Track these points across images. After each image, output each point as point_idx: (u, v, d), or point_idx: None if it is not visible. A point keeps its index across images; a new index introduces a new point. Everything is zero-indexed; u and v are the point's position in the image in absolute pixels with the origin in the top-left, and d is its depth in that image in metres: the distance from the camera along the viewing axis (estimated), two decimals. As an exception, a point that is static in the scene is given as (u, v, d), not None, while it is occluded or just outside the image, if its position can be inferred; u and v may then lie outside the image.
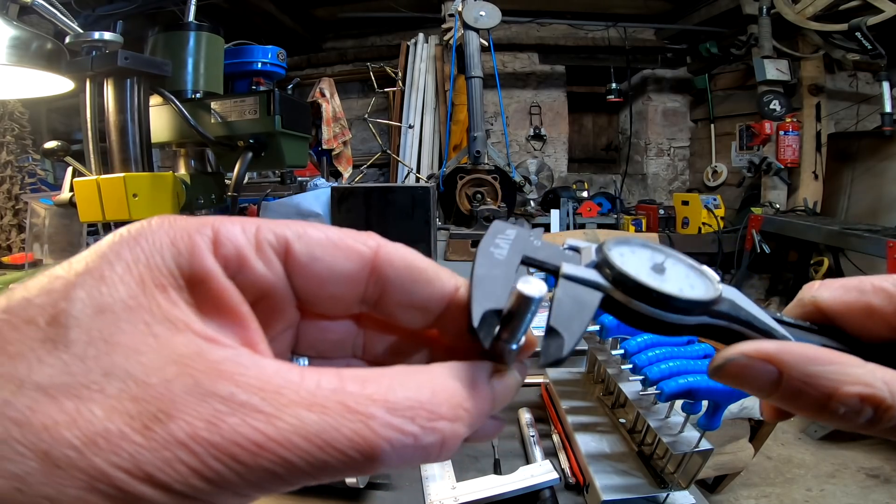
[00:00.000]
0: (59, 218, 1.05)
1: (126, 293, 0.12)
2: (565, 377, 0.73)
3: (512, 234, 0.19)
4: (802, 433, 2.14)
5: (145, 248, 0.13)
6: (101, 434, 0.11)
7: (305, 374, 0.13)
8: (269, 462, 0.12)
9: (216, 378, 0.12)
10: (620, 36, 4.07)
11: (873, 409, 0.15)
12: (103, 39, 0.72)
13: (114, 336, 0.12)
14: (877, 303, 0.18)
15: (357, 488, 0.56)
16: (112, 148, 0.76)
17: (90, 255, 0.13)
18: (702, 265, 0.19)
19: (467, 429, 0.14)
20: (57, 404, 0.11)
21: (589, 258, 0.18)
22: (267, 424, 0.12)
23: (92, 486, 0.11)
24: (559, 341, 0.15)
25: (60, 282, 0.12)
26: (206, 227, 0.14)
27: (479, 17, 2.30)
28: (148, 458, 0.11)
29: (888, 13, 2.47)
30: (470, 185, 2.08)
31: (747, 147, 3.71)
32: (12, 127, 1.42)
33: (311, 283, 0.16)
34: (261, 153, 0.84)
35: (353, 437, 0.12)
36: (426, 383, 0.14)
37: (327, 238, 0.16)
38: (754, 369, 0.16)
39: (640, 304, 0.17)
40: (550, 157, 4.40)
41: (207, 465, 0.11)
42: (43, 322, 0.12)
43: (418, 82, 3.85)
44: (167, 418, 0.11)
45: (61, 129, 3.02)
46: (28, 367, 0.11)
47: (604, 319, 0.58)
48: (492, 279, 0.16)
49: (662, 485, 0.52)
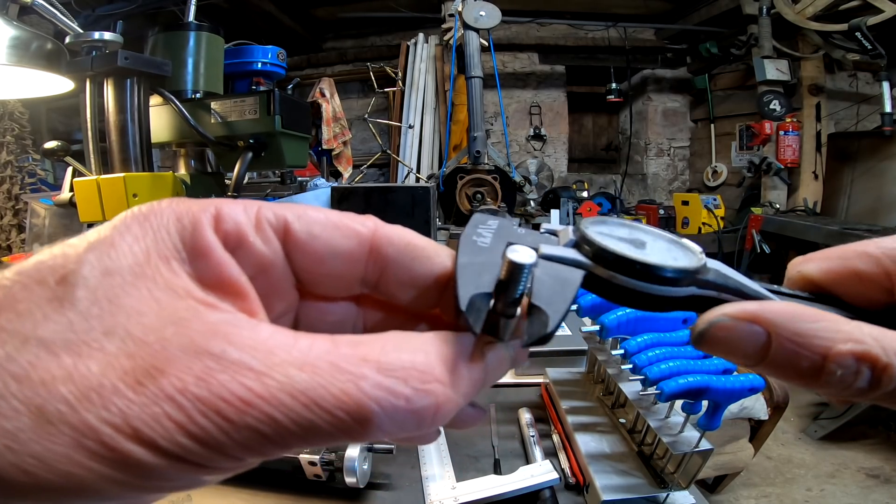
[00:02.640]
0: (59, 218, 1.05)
1: (133, 260, 0.13)
2: (565, 377, 0.73)
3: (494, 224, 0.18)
4: (802, 433, 2.14)
5: (153, 223, 0.14)
6: (95, 389, 0.11)
7: (299, 337, 0.13)
8: (255, 420, 0.12)
9: (211, 337, 0.12)
10: (620, 36, 4.07)
11: (870, 369, 0.14)
12: (103, 39, 0.72)
13: (118, 297, 0.12)
14: (862, 267, 0.17)
15: (357, 488, 0.56)
16: (112, 148, 0.76)
17: (104, 227, 0.14)
18: (682, 238, 0.18)
19: (461, 397, 0.14)
20: (57, 360, 0.11)
21: (567, 239, 0.18)
22: (255, 381, 0.12)
23: (79, 442, 0.11)
24: (542, 317, 0.15)
25: (73, 248, 0.13)
26: (210, 205, 0.15)
27: (479, 17, 2.30)
28: (136, 413, 0.11)
29: (888, 13, 2.47)
30: (470, 185, 2.08)
31: (747, 147, 3.71)
32: (12, 127, 1.42)
33: (309, 262, 0.16)
34: (261, 153, 0.84)
35: (341, 397, 0.12)
36: (420, 347, 0.14)
37: (326, 218, 0.16)
38: (740, 332, 0.15)
39: (623, 277, 0.16)
40: (550, 157, 4.40)
41: (194, 421, 0.11)
42: (52, 282, 0.12)
43: (418, 82, 3.85)
44: (159, 374, 0.11)
45: (61, 129, 3.02)
46: (34, 324, 0.12)
47: (604, 319, 0.58)
48: (478, 264, 0.16)
49: (662, 485, 0.52)
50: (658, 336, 0.57)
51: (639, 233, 0.18)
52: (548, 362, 0.80)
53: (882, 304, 0.17)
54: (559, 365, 0.78)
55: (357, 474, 0.54)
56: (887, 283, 0.17)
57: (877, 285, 0.17)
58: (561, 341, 0.84)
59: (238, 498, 0.57)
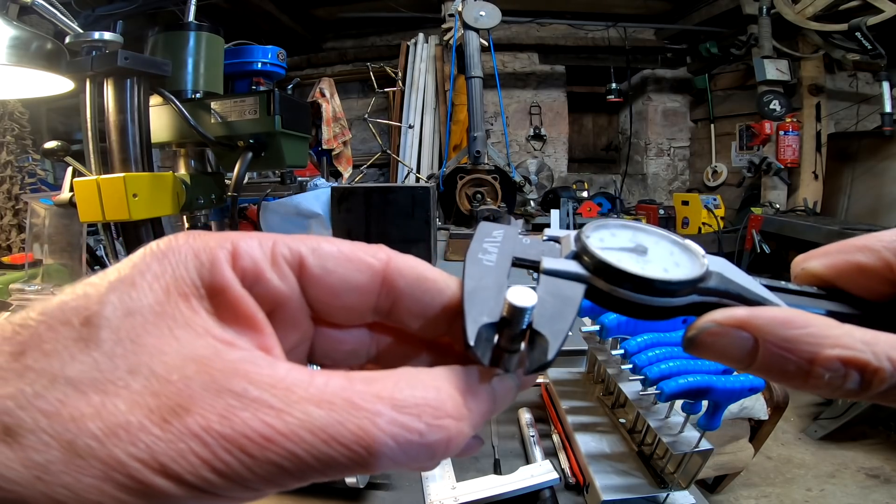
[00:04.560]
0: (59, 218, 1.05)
1: (153, 299, 0.13)
2: (565, 377, 0.73)
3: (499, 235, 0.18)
4: (802, 433, 2.14)
5: (172, 261, 0.14)
6: (123, 426, 0.12)
7: (315, 374, 0.13)
8: (276, 455, 0.12)
9: (231, 376, 0.13)
10: (620, 36, 4.07)
11: (859, 373, 0.14)
12: (103, 39, 0.72)
13: (140, 337, 0.13)
14: (864, 260, 0.18)
15: (357, 488, 0.56)
16: (112, 148, 0.76)
17: (123, 266, 0.14)
18: (685, 240, 0.18)
19: (471, 428, 0.14)
20: (85, 398, 0.12)
21: (569, 248, 0.18)
22: (276, 419, 0.12)
23: (108, 475, 0.11)
24: (543, 346, 0.15)
25: (95, 288, 0.13)
26: (227, 241, 0.15)
27: (479, 17, 2.30)
28: (163, 450, 0.12)
29: (888, 13, 2.47)
30: (470, 185, 2.08)
31: (747, 147, 3.71)
32: (12, 127, 1.42)
33: (324, 295, 0.17)
34: (261, 153, 0.84)
35: (358, 433, 0.13)
36: (431, 383, 0.14)
37: (339, 251, 0.16)
38: (728, 338, 0.15)
39: (623, 291, 0.16)
40: (550, 157, 4.40)
41: (218, 457, 0.12)
42: (77, 322, 0.13)
43: (418, 82, 3.85)
44: (184, 412, 0.12)
45: (61, 129, 3.02)
46: (61, 363, 0.12)
47: (604, 319, 0.58)
48: (483, 290, 0.16)
49: (662, 485, 0.52)
50: (658, 336, 0.57)
51: (642, 236, 0.18)
52: (548, 362, 0.80)
53: (886, 295, 0.18)
54: (559, 365, 0.78)
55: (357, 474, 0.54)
56: (890, 275, 0.17)
57: (880, 277, 0.17)
58: (561, 341, 0.84)
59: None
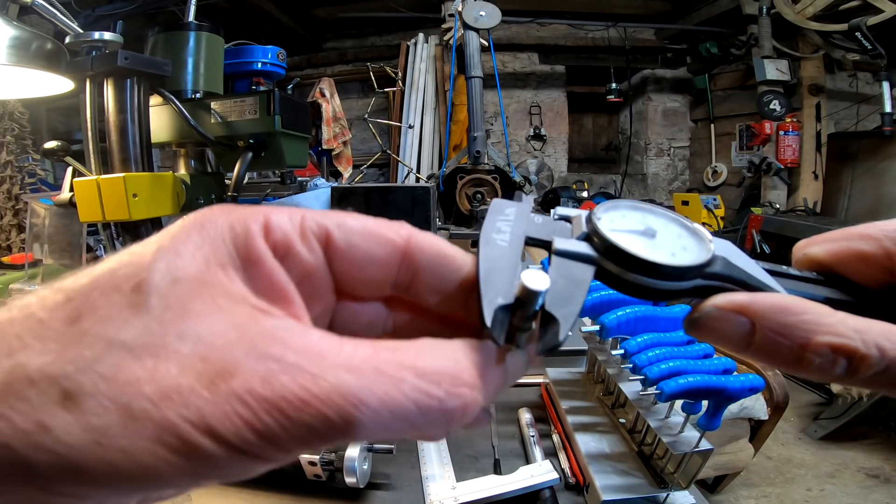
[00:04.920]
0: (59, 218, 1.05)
1: (195, 269, 0.14)
2: (565, 377, 0.73)
3: (512, 213, 0.19)
4: (802, 433, 2.14)
5: (210, 232, 0.15)
6: (175, 389, 0.12)
7: (344, 342, 0.14)
8: (310, 417, 0.13)
9: (270, 341, 0.13)
10: (620, 36, 4.07)
11: (847, 359, 0.15)
12: (103, 39, 0.72)
13: (186, 304, 0.13)
14: (864, 248, 0.18)
15: (357, 488, 0.56)
16: (112, 148, 0.76)
17: (164, 236, 0.15)
18: (694, 223, 0.19)
19: (485, 398, 0.15)
20: (139, 362, 0.12)
21: (580, 229, 0.18)
22: (312, 383, 0.13)
23: (160, 437, 0.12)
24: (555, 328, 0.15)
25: (141, 257, 0.14)
26: (259, 214, 0.16)
27: (479, 17, 2.30)
28: (211, 412, 0.12)
29: (888, 13, 2.47)
30: (470, 185, 2.08)
31: (747, 147, 3.71)
32: (12, 127, 1.42)
33: (348, 268, 0.17)
34: (261, 153, 0.84)
35: (384, 398, 0.13)
36: (451, 354, 0.15)
37: (363, 227, 0.17)
38: (727, 322, 0.16)
39: (632, 274, 0.17)
40: (550, 157, 4.40)
41: (259, 419, 0.12)
42: (128, 289, 0.13)
43: (418, 82, 3.85)
44: (229, 376, 0.13)
45: (61, 129, 3.02)
46: (116, 328, 0.13)
47: (604, 319, 0.58)
48: (498, 271, 0.16)
49: (662, 485, 0.52)
50: (658, 336, 0.57)
51: (651, 218, 0.19)
52: (548, 362, 0.80)
53: (883, 283, 0.18)
54: (559, 365, 0.78)
55: (357, 474, 0.54)
56: (888, 264, 0.18)
57: (878, 265, 0.18)
58: (561, 341, 0.84)
59: (238, 498, 0.57)
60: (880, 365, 0.15)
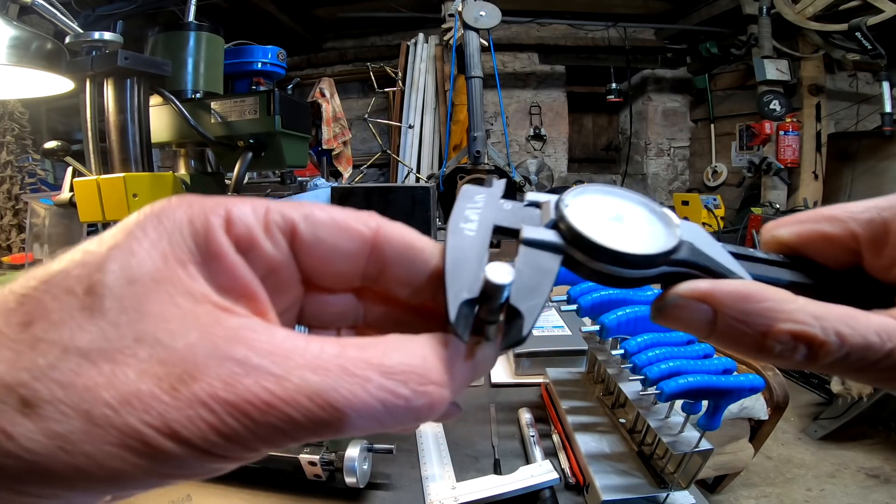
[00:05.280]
0: (59, 218, 1.05)
1: (152, 267, 0.14)
2: (565, 377, 0.73)
3: (481, 200, 0.19)
4: (802, 433, 2.14)
5: (167, 227, 0.14)
6: (135, 394, 0.12)
7: (310, 341, 0.14)
8: (276, 419, 0.13)
9: (233, 343, 0.13)
10: (620, 36, 4.07)
11: (806, 346, 0.15)
12: (103, 39, 0.72)
13: (143, 305, 0.13)
14: (830, 230, 0.18)
15: (357, 488, 0.56)
16: (112, 148, 0.76)
17: (119, 231, 0.14)
18: (662, 207, 0.19)
19: (452, 394, 0.15)
20: (96, 368, 0.12)
21: (548, 216, 0.18)
22: (276, 385, 0.13)
23: (124, 442, 0.12)
24: (519, 322, 0.15)
25: (94, 256, 0.14)
26: (220, 207, 0.15)
27: (479, 17, 2.30)
28: (174, 416, 0.12)
29: (888, 13, 2.47)
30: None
31: (747, 147, 3.71)
32: (12, 127, 1.42)
33: (315, 262, 0.17)
34: (261, 153, 0.84)
35: (350, 398, 0.13)
36: (418, 350, 0.15)
37: (331, 219, 0.17)
38: (689, 310, 0.16)
39: (599, 263, 0.17)
40: (550, 157, 4.40)
41: (224, 422, 0.12)
42: (81, 292, 0.13)
43: (418, 82, 3.85)
44: (191, 380, 0.12)
45: (61, 129, 3.02)
46: (70, 333, 0.12)
47: (604, 320, 0.58)
48: (464, 263, 0.16)
49: (662, 485, 0.52)
50: (658, 336, 0.57)
51: (620, 203, 0.19)
52: (548, 362, 0.80)
53: (848, 264, 0.19)
54: (559, 365, 0.78)
55: (357, 474, 0.54)
56: (853, 245, 0.18)
57: (843, 247, 0.18)
58: (561, 341, 0.84)
59: (238, 498, 0.57)
60: (840, 352, 0.15)
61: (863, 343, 0.15)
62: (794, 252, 0.19)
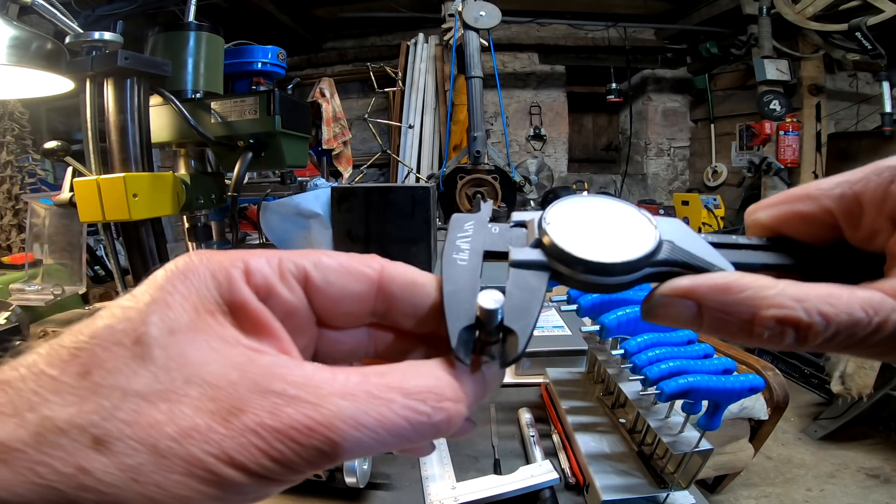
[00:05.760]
0: (59, 218, 1.05)
1: (188, 318, 0.15)
2: (565, 377, 0.73)
3: (470, 228, 0.20)
4: (802, 433, 2.14)
5: (194, 282, 0.16)
6: (193, 428, 0.14)
7: (336, 372, 0.16)
8: (318, 441, 0.14)
9: (269, 378, 0.15)
10: (620, 36, 4.07)
11: (793, 329, 0.15)
12: (103, 39, 0.72)
13: (186, 352, 0.15)
14: (805, 209, 0.19)
15: (357, 488, 0.56)
16: (112, 148, 0.76)
17: (151, 288, 0.16)
18: (641, 210, 0.20)
19: (467, 409, 0.17)
20: (155, 407, 0.14)
21: (533, 234, 0.19)
22: (314, 411, 0.14)
23: (189, 470, 0.13)
24: (514, 342, 0.17)
25: (134, 311, 0.15)
26: (238, 260, 0.17)
27: (479, 17, 2.30)
28: (230, 445, 0.14)
29: (888, 13, 2.47)
30: (470, 185, 2.08)
31: (747, 147, 3.71)
32: (12, 127, 1.42)
33: (327, 303, 0.19)
34: (261, 153, 0.84)
35: (379, 418, 0.15)
36: (431, 372, 0.17)
37: (339, 264, 0.19)
38: (675, 306, 0.17)
39: (584, 275, 0.18)
40: (550, 157, 4.40)
41: (273, 447, 0.14)
42: (129, 343, 0.15)
43: (418, 82, 3.85)
44: (240, 412, 0.14)
45: (61, 129, 3.01)
46: (127, 379, 0.14)
47: (604, 320, 0.58)
48: (459, 293, 0.18)
49: (662, 485, 0.52)
50: (658, 336, 0.57)
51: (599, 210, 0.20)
52: (548, 362, 0.80)
53: (831, 239, 0.19)
54: (559, 365, 0.78)
55: (357, 474, 0.54)
56: (831, 221, 0.18)
57: (822, 224, 0.19)
58: (561, 341, 0.84)
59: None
60: (828, 331, 0.15)
61: (848, 320, 0.15)
62: (776, 234, 0.20)
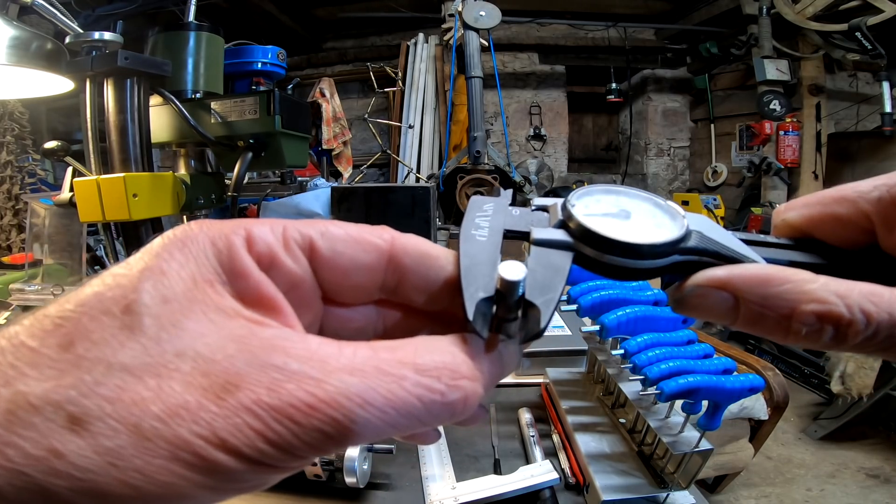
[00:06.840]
0: (59, 218, 1.05)
1: (183, 287, 0.14)
2: (565, 377, 0.73)
3: (490, 209, 0.19)
4: (802, 433, 2.14)
5: (192, 249, 0.15)
6: (182, 406, 0.12)
7: (343, 346, 0.14)
8: (320, 421, 0.13)
9: (270, 352, 0.14)
10: (620, 36, 4.07)
11: (833, 326, 0.15)
12: (103, 39, 0.72)
13: (180, 322, 0.13)
14: (841, 211, 0.18)
15: (357, 488, 0.56)
16: (112, 148, 0.76)
17: (146, 255, 0.15)
18: (667, 201, 0.19)
19: (484, 389, 0.16)
20: (142, 382, 0.12)
21: (556, 217, 0.18)
22: (317, 388, 0.13)
23: (175, 454, 0.12)
24: (536, 316, 0.16)
25: (126, 278, 0.14)
26: (240, 227, 0.16)
27: (479, 17, 2.30)
28: (222, 425, 0.12)
29: (888, 13, 2.47)
30: (470, 185, 2.08)
31: (747, 147, 3.71)
32: (12, 127, 1.42)
33: (334, 276, 0.17)
34: (261, 153, 0.84)
35: (389, 396, 0.14)
36: (447, 348, 0.15)
37: (347, 234, 0.17)
38: (710, 298, 0.16)
39: (610, 256, 0.17)
40: (550, 157, 4.40)
41: (270, 428, 0.13)
42: (118, 311, 0.13)
43: (418, 82, 3.85)
44: (235, 388, 0.13)
45: (61, 129, 3.01)
46: (112, 351, 0.13)
47: (604, 319, 0.58)
48: (478, 266, 0.17)
49: (662, 485, 0.52)
50: (658, 336, 0.57)
51: (625, 200, 0.19)
52: (548, 362, 0.80)
53: (862, 243, 0.18)
54: (559, 365, 0.78)
55: (357, 474, 0.54)
56: (866, 224, 0.18)
57: (856, 227, 0.18)
58: (561, 341, 0.84)
59: (238, 498, 0.57)
60: (868, 330, 0.15)
61: (889, 320, 0.14)
62: (804, 235, 0.19)
